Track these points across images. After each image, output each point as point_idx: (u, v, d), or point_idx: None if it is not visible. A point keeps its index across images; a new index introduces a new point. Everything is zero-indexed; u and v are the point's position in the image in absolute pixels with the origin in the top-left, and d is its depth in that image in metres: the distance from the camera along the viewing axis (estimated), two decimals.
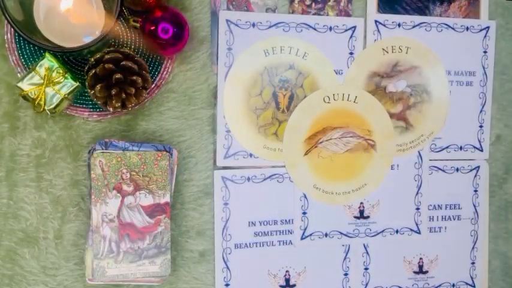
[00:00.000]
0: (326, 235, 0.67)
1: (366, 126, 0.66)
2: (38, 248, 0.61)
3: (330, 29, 0.66)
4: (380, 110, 0.66)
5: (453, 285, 0.71)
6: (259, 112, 0.65)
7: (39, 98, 0.55)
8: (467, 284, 0.71)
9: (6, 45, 0.59)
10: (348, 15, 0.66)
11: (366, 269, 0.68)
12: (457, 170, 0.70)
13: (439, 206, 0.70)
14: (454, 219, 0.70)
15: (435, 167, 0.69)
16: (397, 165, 0.68)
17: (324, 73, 0.66)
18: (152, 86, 0.61)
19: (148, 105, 0.62)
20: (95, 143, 0.59)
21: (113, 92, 0.56)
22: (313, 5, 0.65)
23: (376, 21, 0.67)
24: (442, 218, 0.70)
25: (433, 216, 0.70)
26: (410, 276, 0.70)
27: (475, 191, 0.71)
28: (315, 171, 0.66)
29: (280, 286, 0.66)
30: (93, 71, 0.55)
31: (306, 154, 0.66)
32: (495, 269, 0.73)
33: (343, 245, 0.68)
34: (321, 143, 0.65)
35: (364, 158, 0.67)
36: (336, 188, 0.67)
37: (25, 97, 0.55)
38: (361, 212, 0.68)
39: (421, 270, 0.70)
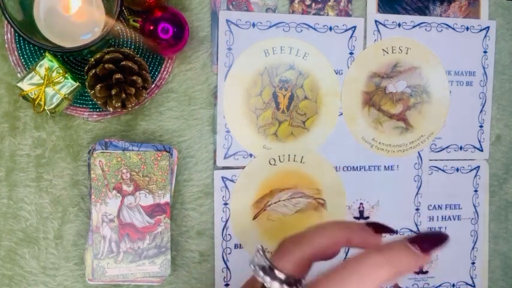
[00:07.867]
0: None
1: (314, 186, 0.65)
2: (38, 248, 0.61)
3: (330, 29, 0.66)
4: (328, 167, 0.65)
5: (453, 285, 0.71)
6: (259, 112, 0.65)
7: (39, 98, 0.55)
8: (467, 284, 0.71)
9: (6, 45, 0.59)
10: (348, 15, 0.66)
11: None
12: (457, 170, 0.70)
13: (439, 206, 0.70)
14: (454, 219, 0.70)
15: (435, 167, 0.69)
16: (397, 166, 0.68)
17: (324, 73, 0.66)
18: (152, 86, 0.61)
19: (148, 105, 0.62)
20: (95, 143, 0.59)
21: (113, 92, 0.56)
22: (313, 5, 0.65)
23: (376, 21, 0.67)
24: (442, 218, 0.70)
25: (433, 217, 0.70)
26: (411, 276, 0.70)
27: (475, 191, 0.71)
28: (265, 235, 0.65)
29: None
30: (93, 71, 0.55)
31: (254, 218, 0.64)
32: (495, 269, 0.73)
33: None
34: (269, 205, 0.64)
35: (315, 218, 0.66)
36: None
37: (25, 97, 0.55)
38: (361, 212, 0.68)
39: (421, 271, 0.70)
